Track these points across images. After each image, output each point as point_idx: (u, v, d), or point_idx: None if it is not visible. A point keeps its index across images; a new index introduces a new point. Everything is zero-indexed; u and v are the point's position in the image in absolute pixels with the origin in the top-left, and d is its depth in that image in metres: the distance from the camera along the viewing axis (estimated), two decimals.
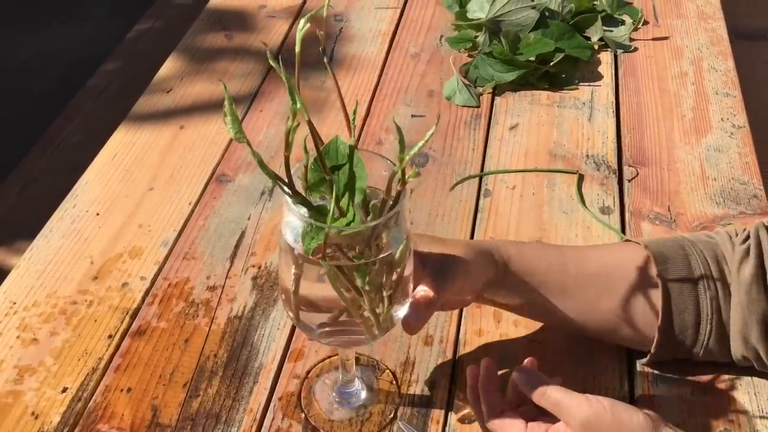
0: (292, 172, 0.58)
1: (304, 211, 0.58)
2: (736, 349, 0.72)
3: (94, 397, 0.75)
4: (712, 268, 0.72)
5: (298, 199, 0.58)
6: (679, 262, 0.72)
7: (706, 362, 0.75)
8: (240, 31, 1.28)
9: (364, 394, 0.75)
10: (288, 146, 0.56)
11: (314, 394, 0.75)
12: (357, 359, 0.77)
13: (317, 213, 0.58)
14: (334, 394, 0.75)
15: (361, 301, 0.61)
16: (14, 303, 0.84)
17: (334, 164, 0.59)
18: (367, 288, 0.60)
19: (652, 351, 0.73)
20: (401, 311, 0.65)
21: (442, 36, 1.24)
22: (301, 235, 0.58)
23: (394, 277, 0.61)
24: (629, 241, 0.79)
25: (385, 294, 0.61)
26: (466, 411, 0.73)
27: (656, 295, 0.71)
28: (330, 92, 1.13)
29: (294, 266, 0.61)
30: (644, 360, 0.75)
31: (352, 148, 0.59)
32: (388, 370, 0.77)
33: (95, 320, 0.82)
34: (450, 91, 1.13)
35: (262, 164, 0.55)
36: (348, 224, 0.58)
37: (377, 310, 0.62)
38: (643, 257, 0.73)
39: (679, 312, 0.71)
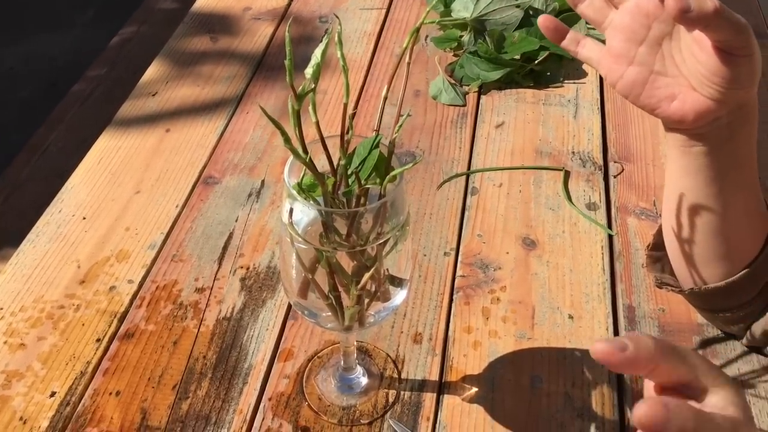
0: (288, 165, 0.59)
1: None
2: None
3: (82, 401, 0.74)
4: None
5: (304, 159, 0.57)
6: None
7: None
8: (225, 33, 1.28)
9: (365, 381, 0.76)
10: (299, 99, 0.56)
11: (315, 380, 0.76)
12: (359, 347, 0.78)
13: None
14: (335, 380, 0.76)
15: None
16: (1, 308, 0.83)
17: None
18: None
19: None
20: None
21: (427, 36, 1.24)
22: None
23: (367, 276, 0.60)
24: None
25: (354, 291, 0.61)
26: (457, 404, 0.73)
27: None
28: (318, 93, 1.12)
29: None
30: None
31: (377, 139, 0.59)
32: (388, 357, 0.78)
33: (83, 324, 0.82)
34: (436, 91, 1.13)
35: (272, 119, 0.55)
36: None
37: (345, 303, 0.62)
38: None
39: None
